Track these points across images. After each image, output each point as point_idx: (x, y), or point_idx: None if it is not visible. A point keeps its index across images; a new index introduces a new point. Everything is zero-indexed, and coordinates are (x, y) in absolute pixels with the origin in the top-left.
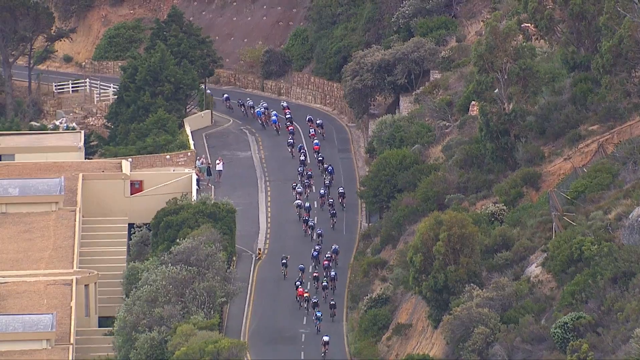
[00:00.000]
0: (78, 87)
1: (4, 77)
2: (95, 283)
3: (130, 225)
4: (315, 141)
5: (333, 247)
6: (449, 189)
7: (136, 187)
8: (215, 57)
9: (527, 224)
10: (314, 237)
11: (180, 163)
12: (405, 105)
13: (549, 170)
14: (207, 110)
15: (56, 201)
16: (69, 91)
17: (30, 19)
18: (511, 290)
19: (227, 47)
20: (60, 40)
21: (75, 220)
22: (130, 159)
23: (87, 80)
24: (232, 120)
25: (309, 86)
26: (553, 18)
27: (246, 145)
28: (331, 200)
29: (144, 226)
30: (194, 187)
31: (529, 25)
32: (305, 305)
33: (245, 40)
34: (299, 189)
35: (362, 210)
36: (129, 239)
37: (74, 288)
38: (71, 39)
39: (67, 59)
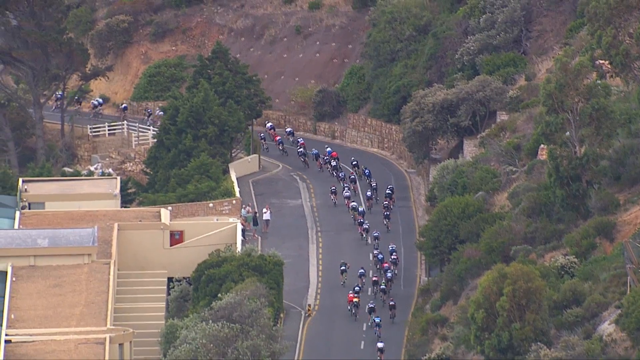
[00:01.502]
0: (115, 129)
1: (35, 119)
2: (130, 342)
3: (169, 279)
4: (328, 149)
5: (390, 247)
6: (515, 240)
7: (176, 237)
8: (264, 97)
9: (599, 277)
10: (369, 240)
11: (224, 212)
12: (469, 149)
13: (624, 219)
14: (254, 155)
15: (89, 253)
16: (105, 134)
17: (64, 56)
18: (582, 349)
19: (277, 86)
20: (96, 79)
21: (109, 274)
22: (170, 208)
23: (125, 122)
24: (281, 166)
25: (365, 129)
26: (629, 54)
27: (296, 193)
28: (385, 202)
29: (184, 280)
30: (239, 237)
31: (603, 61)
32: (354, 312)
33: (297, 79)
34: (347, 193)
35: (422, 262)
36: (168, 293)
37: (107, 347)
38: (108, 78)
39: (104, 100)
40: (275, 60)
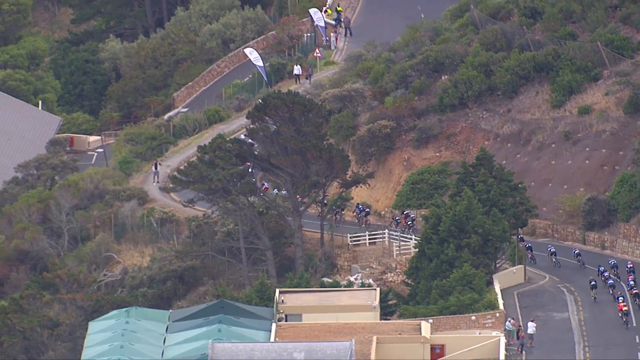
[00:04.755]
0: (375, 239)
1: (294, 227)
2: None
3: None
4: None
5: (611, 261)
6: None
7: (437, 352)
8: (530, 205)
9: None
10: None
11: (487, 325)
12: None
13: None
14: (519, 266)
15: None
16: (365, 243)
17: (324, 162)
18: None
19: (544, 194)
20: (357, 187)
21: None
22: (430, 320)
23: (386, 231)
24: (548, 277)
25: (637, 239)
26: None
27: (563, 306)
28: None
29: None
30: (502, 352)
31: None
32: (625, 320)
33: (565, 186)
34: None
35: None
36: None
37: None
38: (369, 185)
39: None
40: (542, 167)
